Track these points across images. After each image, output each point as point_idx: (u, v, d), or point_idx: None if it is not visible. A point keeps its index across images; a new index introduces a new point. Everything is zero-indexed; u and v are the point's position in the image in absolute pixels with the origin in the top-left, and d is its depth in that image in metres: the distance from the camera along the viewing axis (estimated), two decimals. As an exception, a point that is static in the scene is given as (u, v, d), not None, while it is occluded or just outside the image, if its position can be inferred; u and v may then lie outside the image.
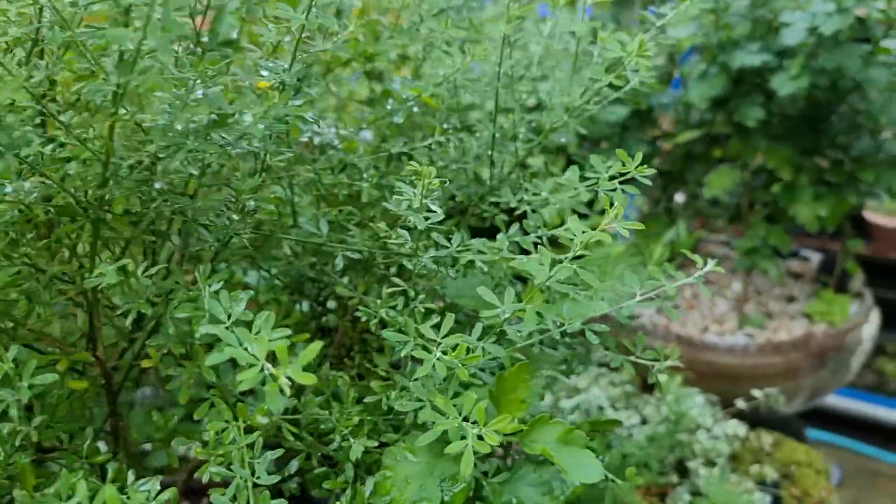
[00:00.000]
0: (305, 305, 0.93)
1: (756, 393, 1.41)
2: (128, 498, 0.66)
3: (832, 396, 2.36)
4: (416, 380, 0.66)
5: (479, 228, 0.94)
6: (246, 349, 0.48)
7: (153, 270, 0.63)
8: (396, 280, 0.72)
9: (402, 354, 0.65)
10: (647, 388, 1.51)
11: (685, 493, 1.23)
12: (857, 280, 1.78)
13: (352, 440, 0.69)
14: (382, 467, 0.68)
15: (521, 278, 0.88)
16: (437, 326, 0.66)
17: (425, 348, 0.64)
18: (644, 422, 1.40)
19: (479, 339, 0.67)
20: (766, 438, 1.44)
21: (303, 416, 0.71)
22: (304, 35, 0.68)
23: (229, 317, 0.55)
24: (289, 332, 0.47)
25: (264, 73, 0.67)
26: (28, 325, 0.71)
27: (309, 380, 0.45)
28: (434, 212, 0.72)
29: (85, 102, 0.71)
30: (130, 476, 0.70)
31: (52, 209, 0.70)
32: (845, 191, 1.57)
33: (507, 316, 0.66)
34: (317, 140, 0.88)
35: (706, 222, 2.05)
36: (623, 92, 0.93)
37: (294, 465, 0.72)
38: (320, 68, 0.94)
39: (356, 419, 0.70)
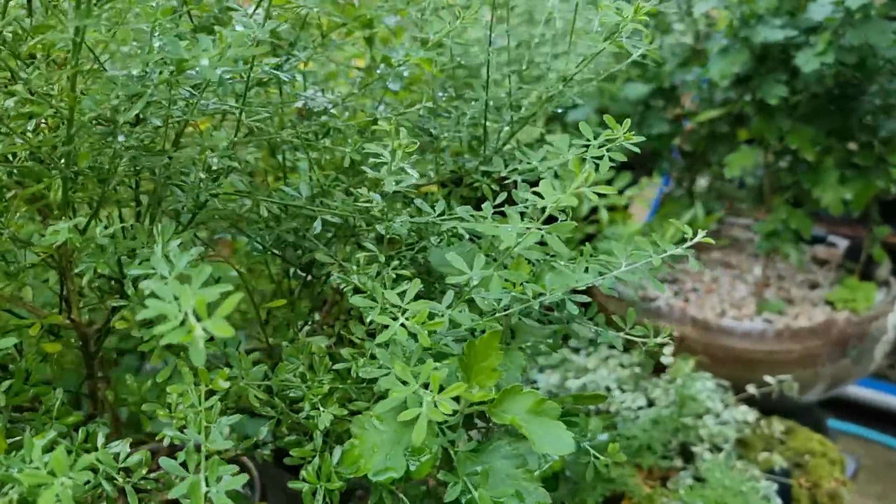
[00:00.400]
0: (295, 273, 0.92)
1: (769, 379, 1.37)
2: (98, 460, 0.66)
3: (862, 388, 2.30)
4: (384, 346, 0.65)
5: (473, 199, 0.92)
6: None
7: (111, 230, 0.62)
8: (368, 245, 0.71)
9: (368, 320, 0.63)
10: (658, 370, 1.48)
11: (688, 477, 1.21)
12: (883, 268, 1.72)
13: (321, 408, 0.68)
14: (351, 436, 0.67)
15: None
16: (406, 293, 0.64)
17: (390, 314, 0.62)
18: (651, 404, 1.37)
19: (449, 307, 0.65)
20: (778, 426, 1.40)
21: (273, 383, 0.70)
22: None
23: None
24: (227, 287, 0.45)
25: (238, 27, 0.65)
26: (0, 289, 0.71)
27: (226, 331, 0.43)
28: (410, 175, 0.71)
29: (46, 55, 0.71)
30: (100, 438, 0.70)
31: (16, 169, 0.69)
32: (873, 174, 1.51)
33: (475, 283, 0.64)
34: (310, 106, 0.86)
35: (733, 205, 2.00)
36: (627, 63, 0.89)
37: (263, 432, 0.71)
38: (316, 32, 0.92)
39: (327, 387, 0.69)
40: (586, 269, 0.74)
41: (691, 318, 1.62)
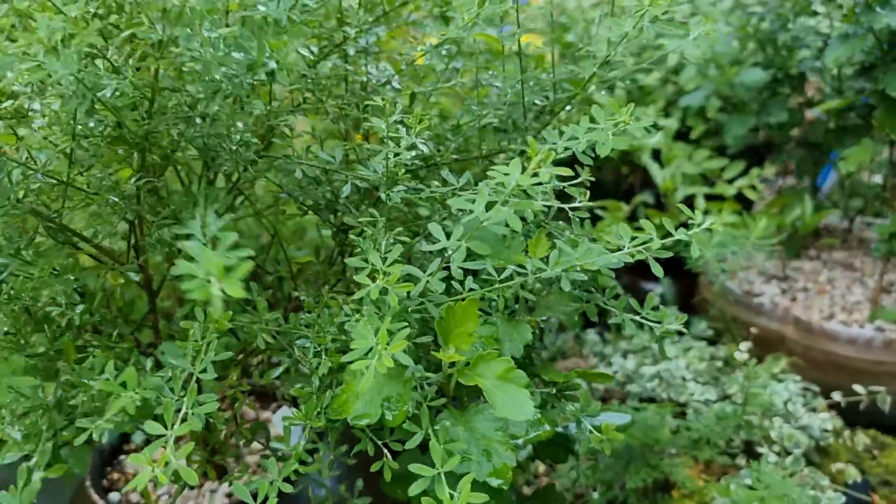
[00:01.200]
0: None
1: (858, 389, 1.29)
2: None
3: None
4: (375, 305, 0.71)
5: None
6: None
7: (141, 182, 0.72)
8: (372, 211, 0.76)
9: (356, 279, 0.69)
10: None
11: (747, 477, 1.17)
12: None
13: (323, 357, 0.75)
14: (343, 383, 0.74)
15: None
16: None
17: (374, 276, 0.67)
18: (726, 398, 1.33)
19: (432, 274, 0.70)
20: (863, 438, 1.32)
21: (284, 329, 0.77)
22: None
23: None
24: (247, 252, 0.51)
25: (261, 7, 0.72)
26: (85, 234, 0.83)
27: (238, 293, 0.49)
28: (420, 150, 0.75)
29: (133, 48, 0.80)
30: (148, 364, 0.81)
31: (108, 140, 0.80)
32: None
33: (451, 253, 0.68)
34: (360, 79, 0.92)
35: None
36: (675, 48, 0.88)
37: (276, 372, 0.79)
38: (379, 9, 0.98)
39: (329, 338, 0.75)
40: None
41: (794, 317, 1.54)
